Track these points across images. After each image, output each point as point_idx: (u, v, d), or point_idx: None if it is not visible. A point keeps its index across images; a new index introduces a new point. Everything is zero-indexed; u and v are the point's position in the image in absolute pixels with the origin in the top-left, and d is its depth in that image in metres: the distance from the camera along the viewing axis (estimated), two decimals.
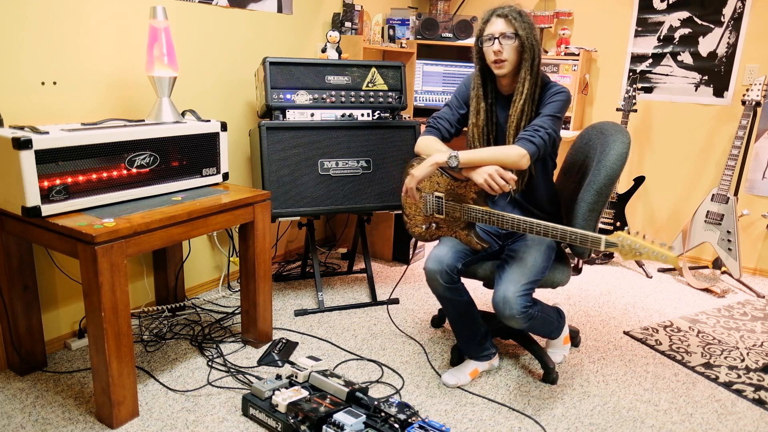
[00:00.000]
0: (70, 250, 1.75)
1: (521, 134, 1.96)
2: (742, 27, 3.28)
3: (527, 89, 1.98)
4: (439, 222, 2.11)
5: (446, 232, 2.11)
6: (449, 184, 2.04)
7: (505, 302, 1.89)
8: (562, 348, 2.36)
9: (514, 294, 1.88)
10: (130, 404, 1.87)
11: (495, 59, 1.96)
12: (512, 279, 1.92)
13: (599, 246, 1.75)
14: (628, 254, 1.69)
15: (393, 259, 3.47)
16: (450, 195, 2.05)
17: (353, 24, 3.35)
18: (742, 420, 2.02)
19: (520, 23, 1.94)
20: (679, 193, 3.64)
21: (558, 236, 1.83)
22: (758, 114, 3.24)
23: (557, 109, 1.98)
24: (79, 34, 2.18)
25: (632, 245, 1.69)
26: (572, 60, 3.58)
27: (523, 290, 1.90)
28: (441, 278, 2.01)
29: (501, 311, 1.90)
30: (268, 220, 2.28)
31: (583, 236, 1.77)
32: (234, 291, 2.96)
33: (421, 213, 2.16)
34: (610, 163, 1.96)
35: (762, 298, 3.12)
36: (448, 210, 2.07)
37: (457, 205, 2.03)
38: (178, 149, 2.15)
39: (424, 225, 2.16)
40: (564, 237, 1.82)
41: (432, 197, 2.10)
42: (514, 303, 1.88)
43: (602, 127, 2.18)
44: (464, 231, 2.05)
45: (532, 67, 1.97)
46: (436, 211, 2.11)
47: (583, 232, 1.77)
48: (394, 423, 1.77)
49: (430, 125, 2.18)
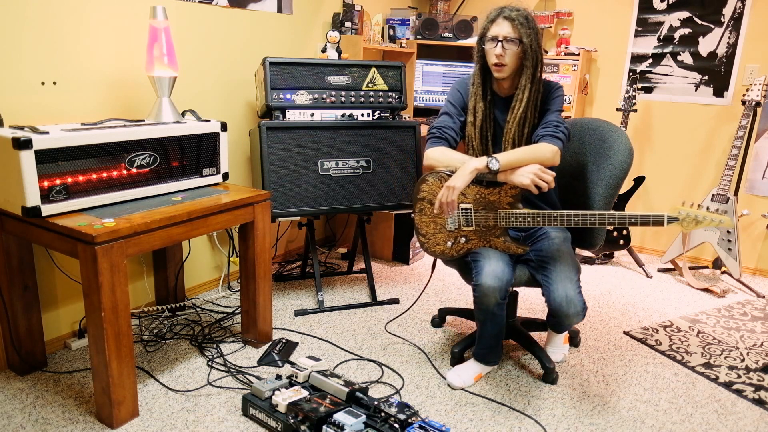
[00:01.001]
0: (70, 250, 1.75)
1: (543, 132, 1.96)
2: (742, 27, 3.28)
3: (527, 97, 1.97)
4: (468, 235, 2.05)
5: (477, 243, 2.05)
6: (478, 193, 2.00)
7: (569, 301, 1.89)
8: (562, 347, 2.36)
9: (574, 292, 1.91)
10: (130, 404, 1.87)
11: (496, 62, 1.95)
12: (566, 277, 1.93)
13: (662, 223, 1.83)
14: (690, 224, 1.82)
15: (393, 259, 3.47)
16: (480, 204, 2.00)
17: (353, 24, 3.35)
18: (742, 420, 2.02)
19: (526, 30, 1.92)
20: (679, 193, 3.64)
21: (616, 222, 1.86)
22: (758, 114, 3.24)
23: (561, 105, 2.03)
24: (79, 34, 2.18)
25: (691, 215, 1.81)
26: (572, 60, 3.58)
27: (578, 287, 1.94)
28: (499, 295, 1.94)
29: (566, 310, 1.90)
30: (268, 220, 2.28)
31: (644, 216, 1.85)
32: (234, 291, 2.96)
33: (443, 230, 2.09)
34: (623, 157, 2.08)
35: (762, 298, 3.12)
36: (479, 220, 2.02)
37: (490, 213, 1.99)
38: (178, 149, 2.15)
39: (449, 242, 2.08)
40: (623, 221, 1.86)
41: (458, 210, 2.04)
42: (577, 301, 1.90)
43: (591, 124, 2.28)
44: (500, 239, 2.01)
45: (534, 75, 1.96)
46: (464, 224, 2.05)
47: (643, 213, 1.86)
48: (394, 423, 1.77)
49: (436, 136, 2.11)
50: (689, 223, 1.81)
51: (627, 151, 2.09)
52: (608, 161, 2.12)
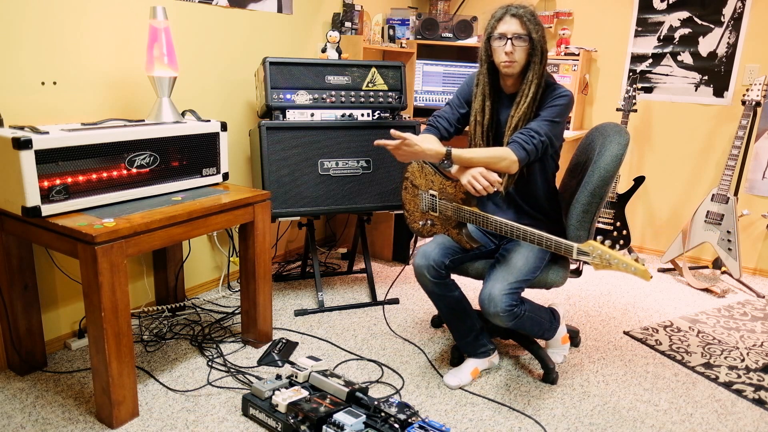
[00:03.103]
0: (70, 250, 1.75)
1: (516, 137, 1.95)
2: (742, 27, 3.28)
3: (533, 92, 1.97)
4: (434, 219, 2.12)
5: (440, 229, 2.12)
6: (441, 183, 2.05)
7: (490, 299, 1.90)
8: (562, 348, 2.36)
9: (499, 292, 1.90)
10: (130, 404, 1.87)
11: (506, 60, 1.95)
12: (500, 277, 1.94)
13: (571, 254, 1.73)
14: (600, 264, 1.66)
15: (393, 259, 3.47)
16: (442, 194, 2.06)
17: (353, 24, 3.35)
18: (742, 420, 2.02)
19: (534, 25, 1.93)
20: (679, 193, 3.64)
21: (535, 241, 1.82)
22: (758, 114, 3.24)
23: (556, 113, 1.97)
24: (79, 34, 2.18)
25: (603, 255, 1.65)
26: (572, 60, 3.58)
27: (509, 289, 1.91)
28: (428, 273, 2.05)
29: (486, 308, 1.92)
30: (268, 220, 2.28)
31: (557, 243, 1.76)
32: (234, 291, 2.96)
33: (418, 209, 2.18)
34: (604, 164, 1.95)
35: (762, 298, 3.12)
36: (441, 208, 2.08)
37: (448, 204, 2.04)
38: (178, 149, 2.15)
39: (420, 221, 2.18)
40: (540, 242, 1.81)
41: (427, 194, 2.11)
42: (498, 301, 1.89)
43: (603, 129, 2.18)
44: (455, 230, 2.06)
45: (540, 70, 1.97)
46: (431, 209, 2.12)
47: (556, 239, 1.76)
48: (394, 423, 1.77)
49: (430, 123, 2.19)
50: (599, 262, 1.66)
51: (611, 158, 1.95)
52: (593, 167, 2.02)
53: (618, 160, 1.94)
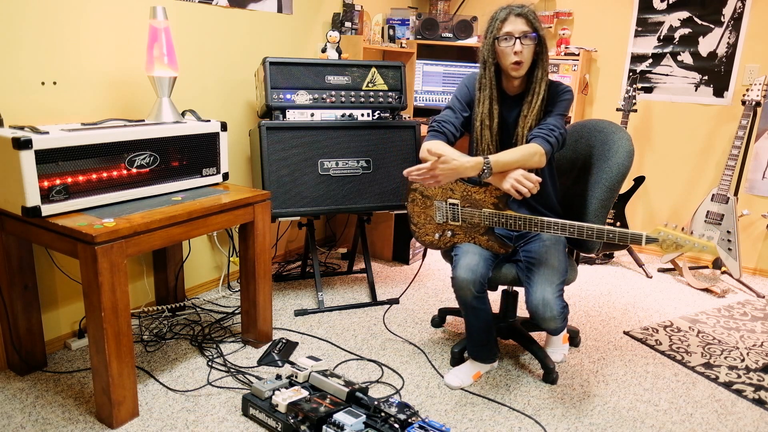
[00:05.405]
0: (70, 250, 1.75)
1: (536, 132, 1.95)
2: (742, 27, 3.28)
3: (543, 89, 1.97)
4: (455, 229, 2.07)
5: (463, 239, 2.07)
6: (465, 190, 2.01)
7: (545, 305, 1.88)
8: (561, 347, 2.36)
9: (552, 296, 1.88)
10: (130, 404, 1.87)
11: (515, 60, 1.92)
12: (546, 281, 1.92)
13: (640, 242, 1.75)
14: (670, 247, 1.70)
15: (393, 259, 3.47)
16: (466, 201, 2.01)
17: (353, 24, 3.35)
18: (742, 420, 2.02)
19: (538, 23, 1.94)
20: (679, 193, 3.64)
21: (594, 235, 1.81)
22: (758, 114, 3.24)
23: (565, 108, 2.00)
24: (79, 34, 2.18)
25: (673, 239, 1.69)
26: (572, 60, 3.58)
27: (558, 291, 1.91)
28: (474, 288, 1.96)
29: (541, 314, 1.89)
30: (268, 220, 2.28)
31: (623, 234, 1.77)
32: (234, 291, 2.96)
33: (432, 221, 2.11)
34: (620, 159, 2.02)
35: (762, 298, 3.12)
36: (465, 216, 2.03)
37: (475, 210, 2.00)
38: (178, 149, 2.15)
39: (436, 233, 2.11)
40: (601, 236, 1.81)
41: (446, 204, 2.06)
42: (554, 304, 1.88)
43: (597, 126, 2.21)
44: (485, 236, 2.02)
45: (547, 67, 1.97)
46: (451, 219, 2.07)
47: (622, 230, 1.77)
48: (394, 423, 1.77)
49: (435, 129, 2.11)
50: (669, 245, 1.71)
51: (626, 153, 2.04)
52: (606, 163, 2.09)
53: (631, 155, 2.03)
